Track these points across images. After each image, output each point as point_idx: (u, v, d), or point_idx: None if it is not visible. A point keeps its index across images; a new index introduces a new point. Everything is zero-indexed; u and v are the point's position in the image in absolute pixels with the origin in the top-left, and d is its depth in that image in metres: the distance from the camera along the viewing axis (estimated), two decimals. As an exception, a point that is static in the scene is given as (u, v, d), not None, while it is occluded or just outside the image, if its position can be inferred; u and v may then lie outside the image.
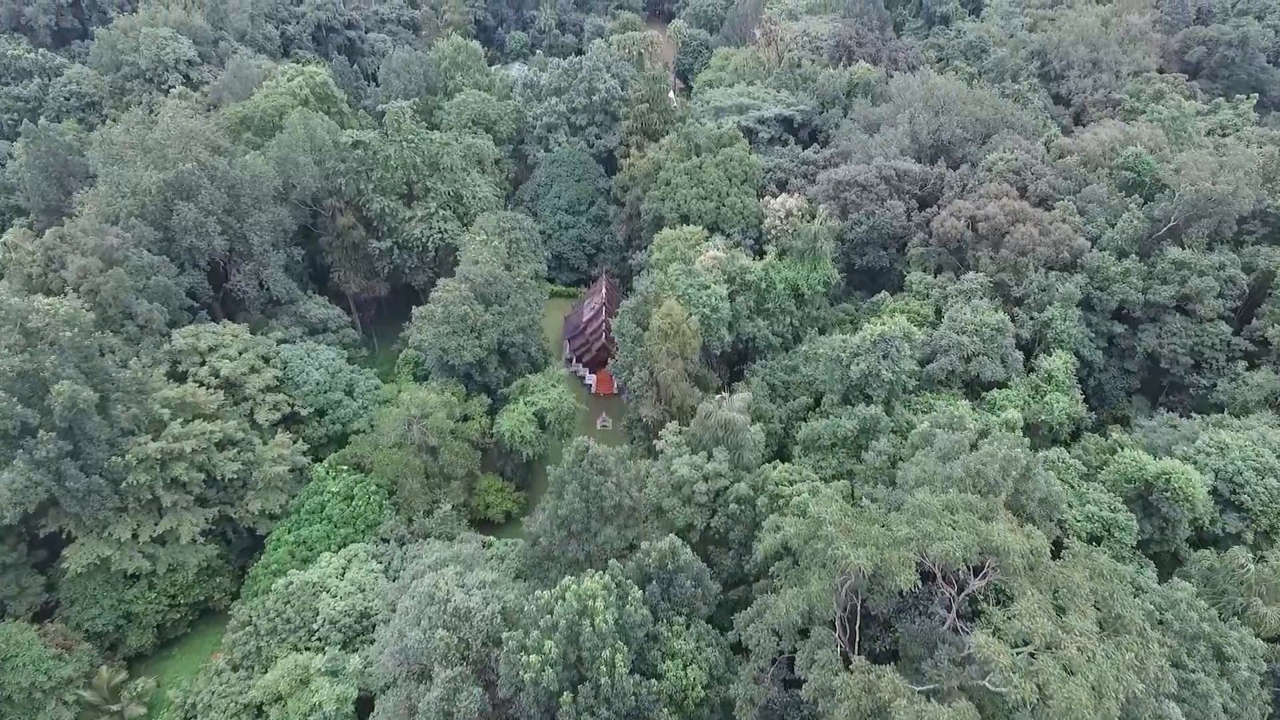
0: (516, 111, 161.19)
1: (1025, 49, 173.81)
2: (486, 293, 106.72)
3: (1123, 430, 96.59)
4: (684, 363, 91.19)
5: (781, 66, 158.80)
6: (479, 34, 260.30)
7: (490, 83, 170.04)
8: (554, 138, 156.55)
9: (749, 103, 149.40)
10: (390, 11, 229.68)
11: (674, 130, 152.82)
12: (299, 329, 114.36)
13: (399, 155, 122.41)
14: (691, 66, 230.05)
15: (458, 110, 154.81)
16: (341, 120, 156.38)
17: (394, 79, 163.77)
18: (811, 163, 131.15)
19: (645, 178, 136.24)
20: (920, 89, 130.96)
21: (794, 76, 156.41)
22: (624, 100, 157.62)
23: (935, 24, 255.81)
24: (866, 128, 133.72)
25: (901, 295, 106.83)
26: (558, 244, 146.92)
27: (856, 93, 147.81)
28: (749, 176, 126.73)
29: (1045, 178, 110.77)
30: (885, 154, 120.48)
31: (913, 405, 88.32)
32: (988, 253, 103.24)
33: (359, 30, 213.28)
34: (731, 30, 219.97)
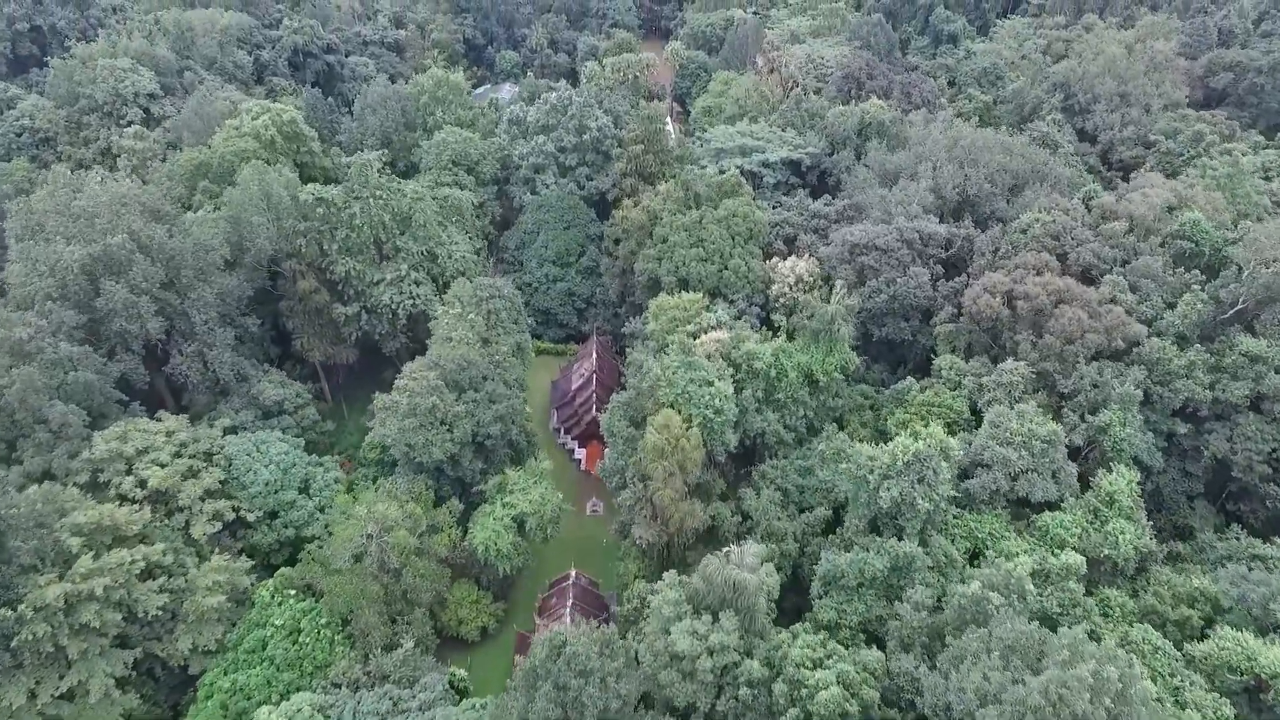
0: (501, 150, 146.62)
1: (1047, 80, 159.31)
2: (459, 379, 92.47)
3: (1185, 544, 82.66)
4: (684, 476, 77.02)
5: (788, 103, 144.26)
6: (468, 53, 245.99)
7: (473, 118, 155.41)
8: (541, 179, 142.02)
9: (753, 144, 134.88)
10: (373, 33, 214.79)
11: (671, 174, 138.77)
12: (251, 412, 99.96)
13: (366, 213, 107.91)
14: (689, 90, 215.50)
15: (437, 150, 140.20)
16: (312, 159, 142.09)
17: (369, 115, 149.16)
18: (822, 216, 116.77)
19: (640, 230, 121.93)
20: (943, 137, 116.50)
21: (800, 113, 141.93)
22: (617, 140, 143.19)
23: (942, 43, 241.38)
24: (883, 177, 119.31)
25: (929, 382, 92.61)
26: (544, 299, 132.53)
27: (869, 133, 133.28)
28: (754, 234, 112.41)
29: (1088, 245, 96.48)
30: (906, 211, 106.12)
31: (951, 530, 74.20)
32: (1028, 336, 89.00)
33: (339, 54, 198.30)
34: (731, 53, 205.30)
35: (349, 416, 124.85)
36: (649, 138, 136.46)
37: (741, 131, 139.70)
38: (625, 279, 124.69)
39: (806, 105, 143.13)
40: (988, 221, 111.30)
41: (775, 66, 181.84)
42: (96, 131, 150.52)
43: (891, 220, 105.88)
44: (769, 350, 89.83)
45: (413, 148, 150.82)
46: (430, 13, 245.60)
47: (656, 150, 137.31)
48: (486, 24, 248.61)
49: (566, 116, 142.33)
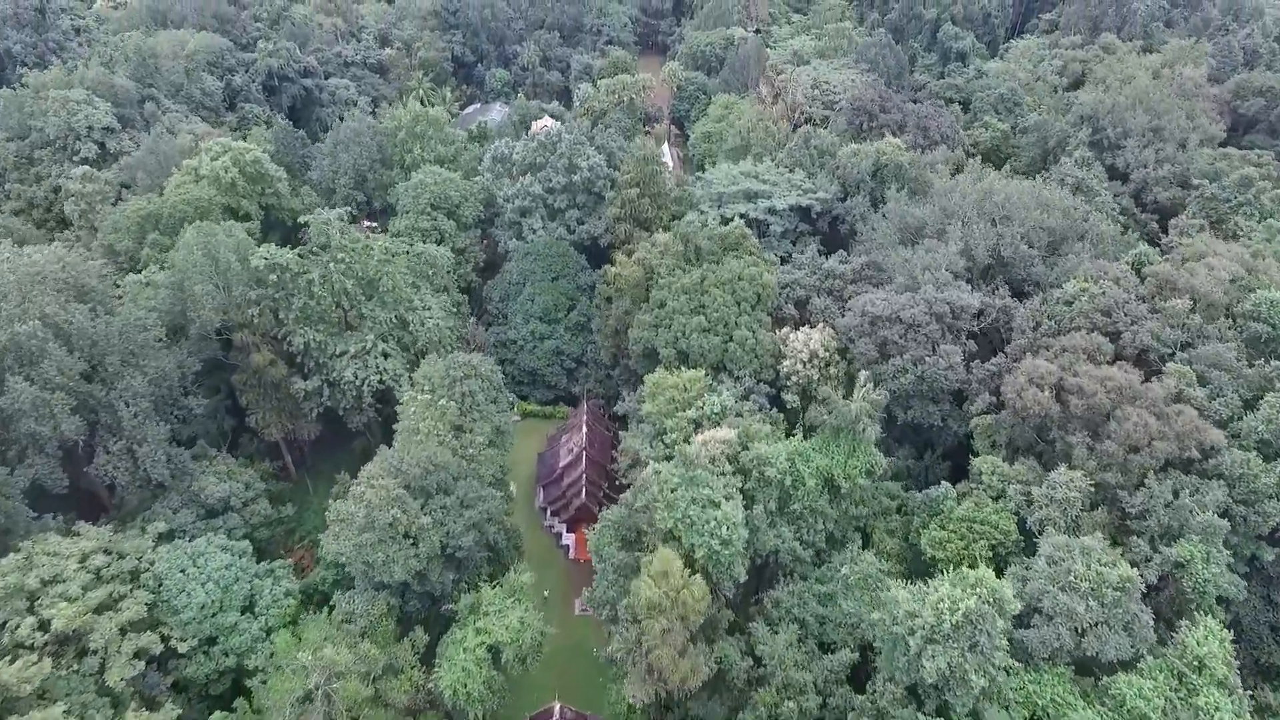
0: (484, 191, 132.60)
1: (1071, 111, 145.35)
2: (425, 484, 78.78)
3: (1274, 691, 69.23)
4: (686, 626, 63.42)
5: (795, 139, 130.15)
6: (456, 71, 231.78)
7: (454, 153, 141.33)
8: (528, 223, 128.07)
9: (757, 187, 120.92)
10: (355, 54, 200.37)
11: (670, 216, 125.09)
12: (192, 512, 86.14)
13: (327, 280, 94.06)
14: (688, 113, 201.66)
15: (414, 192, 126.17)
16: (279, 201, 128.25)
17: (342, 151, 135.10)
18: (837, 276, 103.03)
19: (635, 288, 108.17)
20: (973, 190, 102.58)
21: (809, 151, 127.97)
22: (610, 180, 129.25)
23: (951, 60, 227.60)
24: (904, 231, 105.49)
25: (967, 486, 79.01)
26: (530, 358, 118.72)
27: (886, 176, 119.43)
28: (762, 299, 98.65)
29: (1145, 324, 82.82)
30: (934, 278, 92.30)
31: (1005, 696, 60.61)
32: (1083, 439, 75.38)
33: (317, 78, 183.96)
34: (732, 75, 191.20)
35: (315, 493, 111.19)
36: (645, 180, 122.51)
37: (745, 173, 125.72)
38: (618, 339, 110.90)
39: (816, 142, 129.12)
40: (1023, 286, 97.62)
41: (779, 94, 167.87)
42: (48, 168, 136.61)
43: (917, 287, 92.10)
44: (783, 454, 76.08)
45: (389, 187, 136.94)
46: (417, 30, 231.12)
47: (653, 193, 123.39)
48: (476, 41, 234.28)
49: (555, 155, 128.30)
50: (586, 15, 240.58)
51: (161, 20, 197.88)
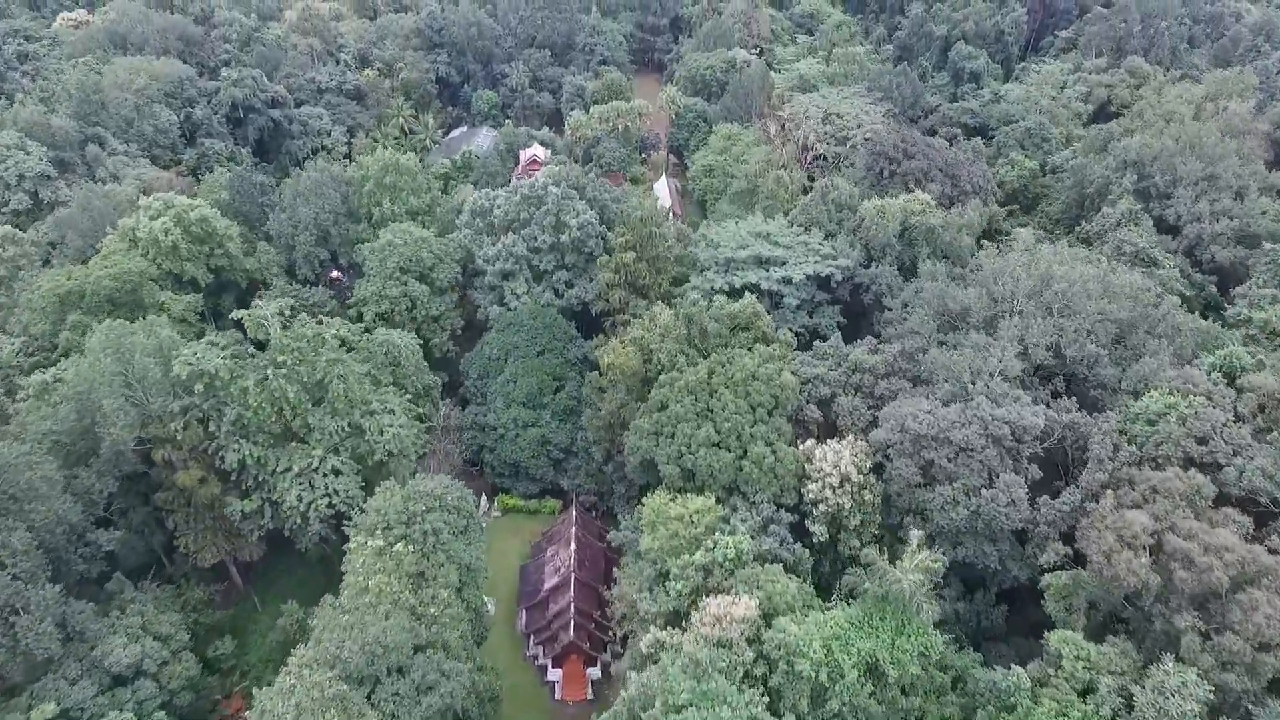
0: (462, 249, 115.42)
1: (1114, 155, 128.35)
2: (373, 670, 62.16)
3: None
4: None
5: (811, 196, 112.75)
6: (441, 93, 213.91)
7: (429, 204, 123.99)
8: (511, 287, 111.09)
9: (770, 252, 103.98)
10: (329, 79, 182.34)
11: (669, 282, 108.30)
12: (94, 682, 69.39)
13: (265, 388, 77.09)
14: (687, 141, 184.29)
15: (381, 255, 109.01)
16: (230, 263, 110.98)
17: (301, 204, 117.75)
18: (866, 370, 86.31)
19: (630, 377, 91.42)
20: (1027, 277, 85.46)
21: (826, 207, 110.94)
22: (603, 239, 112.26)
23: (963, 81, 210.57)
24: (944, 318, 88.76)
25: (1043, 671, 62.47)
26: (513, 448, 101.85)
27: (917, 240, 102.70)
28: (781, 402, 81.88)
29: (1254, 462, 66.35)
30: (987, 386, 75.67)
31: None
32: (1192, 621, 58.90)
33: (286, 108, 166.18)
34: (735, 103, 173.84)
35: (264, 607, 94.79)
36: (642, 243, 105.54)
37: (755, 233, 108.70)
38: (612, 435, 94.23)
39: (835, 195, 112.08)
40: (1089, 390, 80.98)
41: (787, 129, 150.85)
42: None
43: (967, 397, 75.44)
44: (817, 640, 59.42)
45: (355, 244, 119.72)
46: (399, 49, 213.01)
47: (652, 257, 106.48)
48: (462, 61, 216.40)
49: (541, 211, 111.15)
50: (579, 34, 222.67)
51: (121, 44, 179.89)
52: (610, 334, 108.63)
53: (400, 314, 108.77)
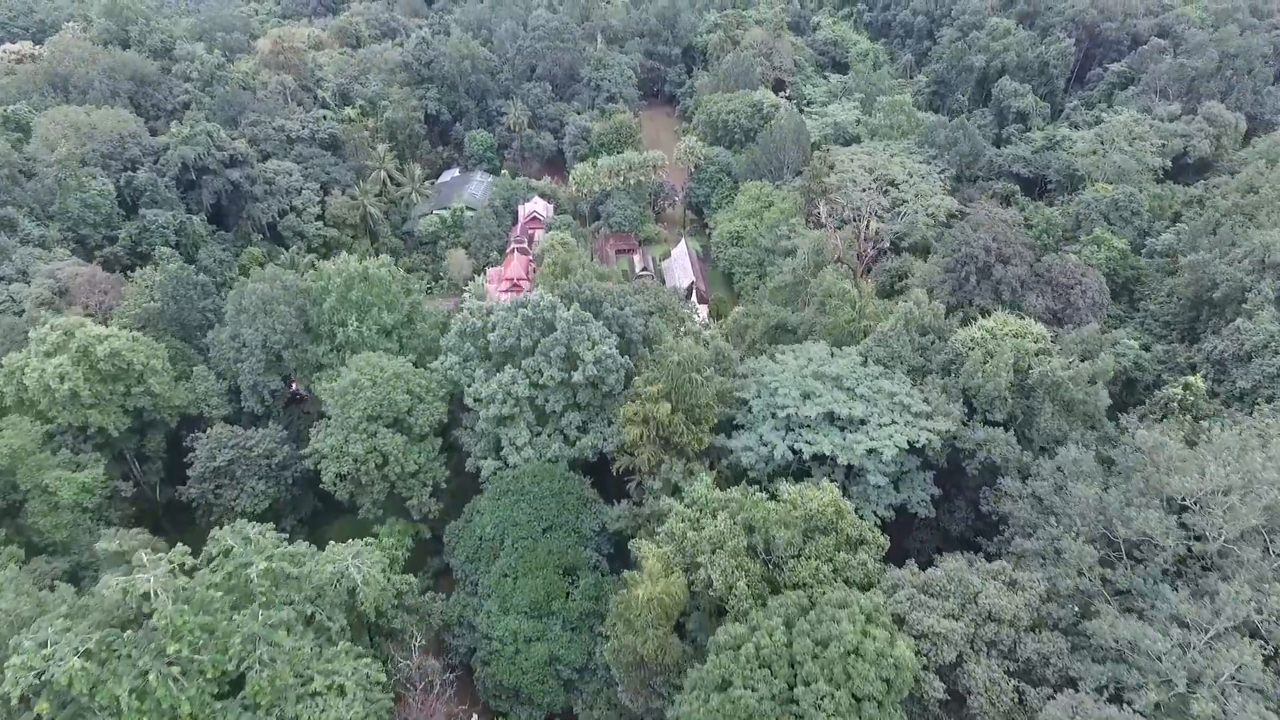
0: (448, 383, 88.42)
1: (1246, 252, 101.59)
2: None
3: None
4: None
5: (890, 324, 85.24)
6: (430, 133, 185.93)
7: (408, 313, 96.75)
8: (509, 435, 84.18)
9: (842, 405, 77.10)
10: (301, 127, 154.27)
11: (710, 428, 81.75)
12: None
13: (147, 696, 50.39)
14: (708, 198, 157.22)
15: (344, 400, 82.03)
16: (155, 402, 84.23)
17: (246, 324, 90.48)
18: (1006, 620, 59.88)
19: (669, 608, 65.02)
20: (1220, 471, 58.49)
21: (909, 337, 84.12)
22: (626, 371, 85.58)
23: (1008, 121, 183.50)
24: (1107, 544, 62.26)
25: None
26: (512, 670, 75.26)
27: (1041, 396, 76.17)
28: (894, 685, 55.58)
29: None
30: (1221, 694, 49.41)
31: None
32: None
33: (248, 166, 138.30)
34: (766, 159, 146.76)
35: None
36: (679, 390, 78.78)
37: (821, 374, 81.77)
38: (645, 675, 67.98)
39: (926, 318, 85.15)
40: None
41: (836, 204, 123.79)
42: None
43: (1185, 704, 49.25)
44: None
45: (315, 370, 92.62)
46: (383, 85, 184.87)
47: (689, 407, 79.75)
48: (453, 96, 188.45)
49: (548, 339, 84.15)
50: (583, 66, 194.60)
51: (63, 87, 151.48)
52: (636, 502, 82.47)
53: (368, 474, 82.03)
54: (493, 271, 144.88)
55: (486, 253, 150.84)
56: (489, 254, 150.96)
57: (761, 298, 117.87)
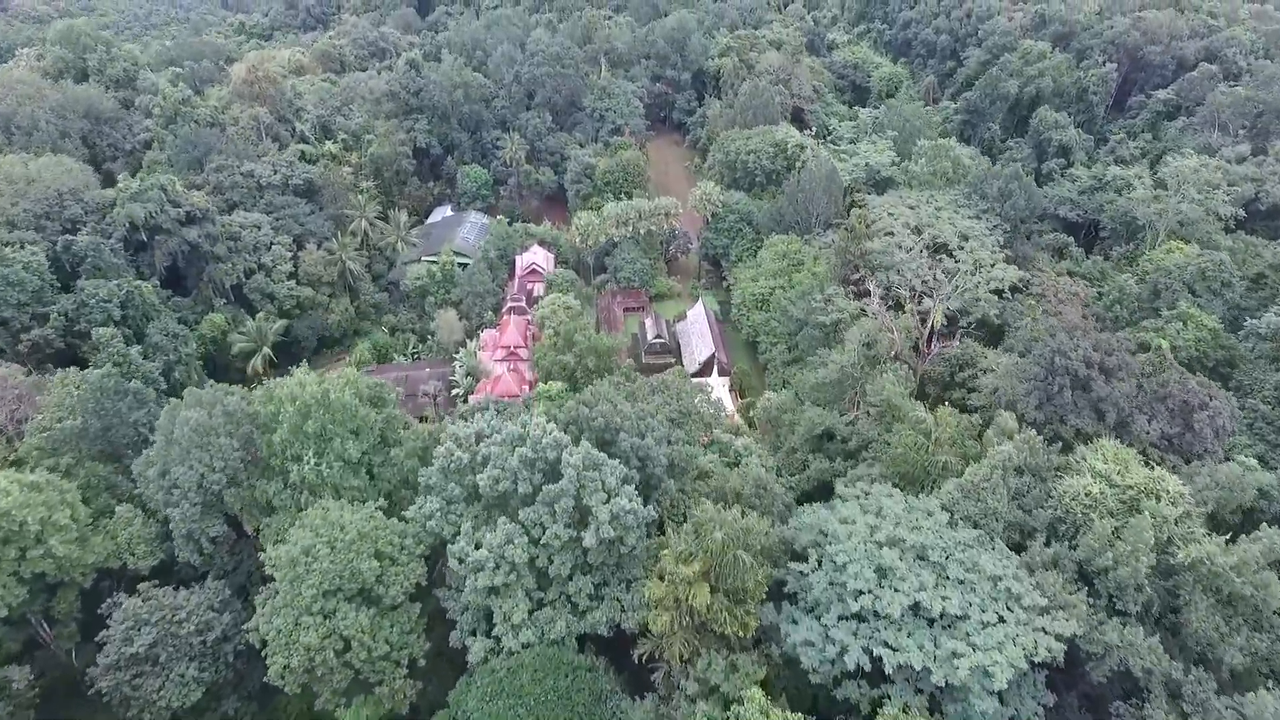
0: (426, 536, 69.10)
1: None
2: None
3: None
4: None
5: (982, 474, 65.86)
6: (419, 168, 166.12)
7: (378, 439, 77.36)
8: (504, 608, 64.98)
9: (935, 601, 58.08)
10: (273, 172, 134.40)
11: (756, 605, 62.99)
12: None
13: None
14: (728, 249, 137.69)
15: (293, 574, 62.91)
16: (60, 565, 65.11)
17: (178, 459, 71.05)
18: None
19: None
20: None
21: (1004, 487, 65.01)
22: (648, 526, 66.64)
23: (1049, 155, 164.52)
24: None
25: None
26: None
27: (1190, 585, 57.31)
28: None
29: None
30: None
31: None
32: None
33: (208, 223, 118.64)
34: (793, 208, 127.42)
35: None
36: (721, 570, 59.83)
37: (897, 542, 62.70)
38: None
39: (1022, 455, 66.14)
40: None
41: (885, 285, 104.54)
42: None
43: None
44: None
45: (266, 512, 73.39)
46: (368, 117, 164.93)
47: (733, 588, 60.77)
48: (445, 128, 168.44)
49: (554, 489, 64.96)
50: (586, 95, 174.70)
51: (4, 128, 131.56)
52: (664, 697, 63.75)
53: (325, 664, 62.99)
54: (487, 335, 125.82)
55: (480, 312, 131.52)
56: (483, 314, 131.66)
57: (799, 384, 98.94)
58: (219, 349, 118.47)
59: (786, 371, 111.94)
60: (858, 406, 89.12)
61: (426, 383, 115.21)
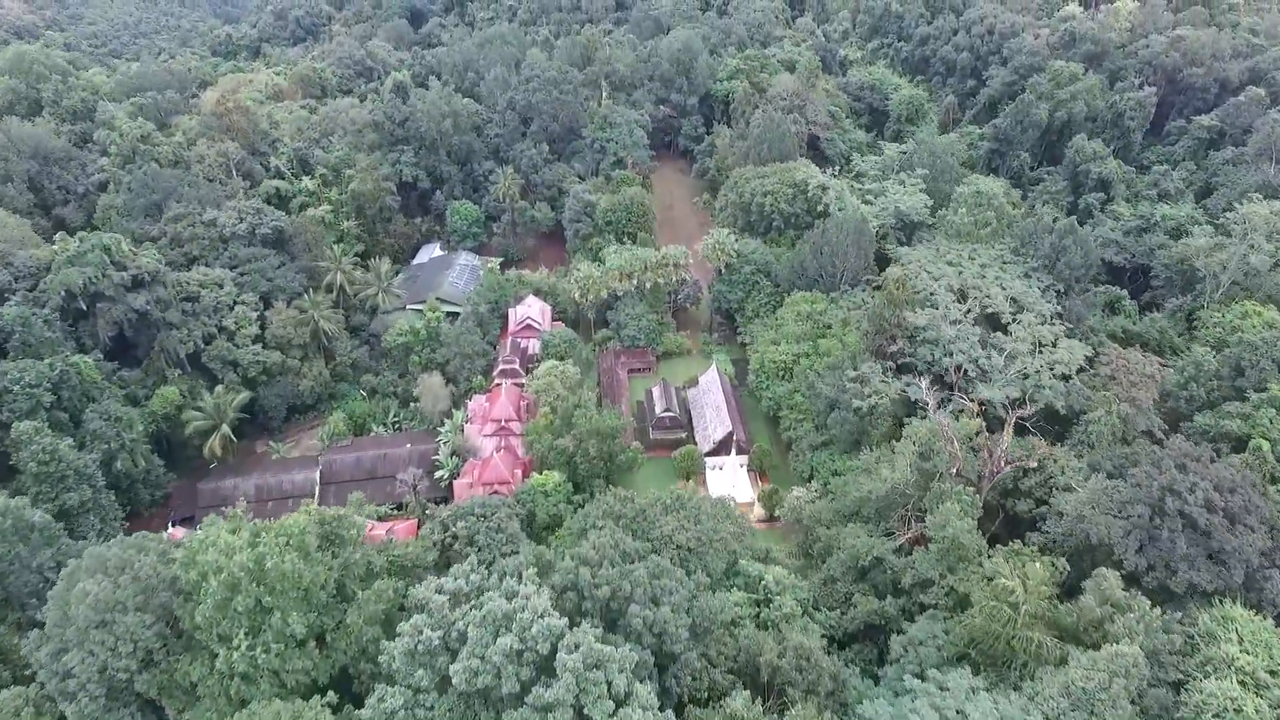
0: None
1: None
2: None
3: None
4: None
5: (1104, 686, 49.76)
6: (406, 200, 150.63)
7: (332, 595, 61.57)
8: (485, 840, 49.65)
9: None
10: (238, 220, 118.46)
11: None
12: None
13: None
14: (743, 303, 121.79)
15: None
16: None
17: (71, 640, 55.28)
18: None
19: None
20: None
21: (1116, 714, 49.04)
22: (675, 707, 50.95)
23: (1086, 189, 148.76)
24: None
25: None
26: None
27: None
28: None
29: None
30: None
31: None
32: None
33: (158, 287, 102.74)
34: (818, 263, 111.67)
35: None
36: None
37: None
38: None
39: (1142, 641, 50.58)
40: None
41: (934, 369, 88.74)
42: None
43: None
44: None
45: (190, 698, 57.64)
46: (350, 149, 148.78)
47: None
48: (433, 160, 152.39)
49: (547, 693, 49.34)
50: (586, 125, 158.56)
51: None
52: None
53: None
54: (476, 403, 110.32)
55: (469, 376, 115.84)
56: (472, 377, 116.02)
57: (837, 489, 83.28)
58: (174, 425, 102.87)
59: (815, 458, 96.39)
60: (909, 526, 73.63)
61: (405, 469, 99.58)
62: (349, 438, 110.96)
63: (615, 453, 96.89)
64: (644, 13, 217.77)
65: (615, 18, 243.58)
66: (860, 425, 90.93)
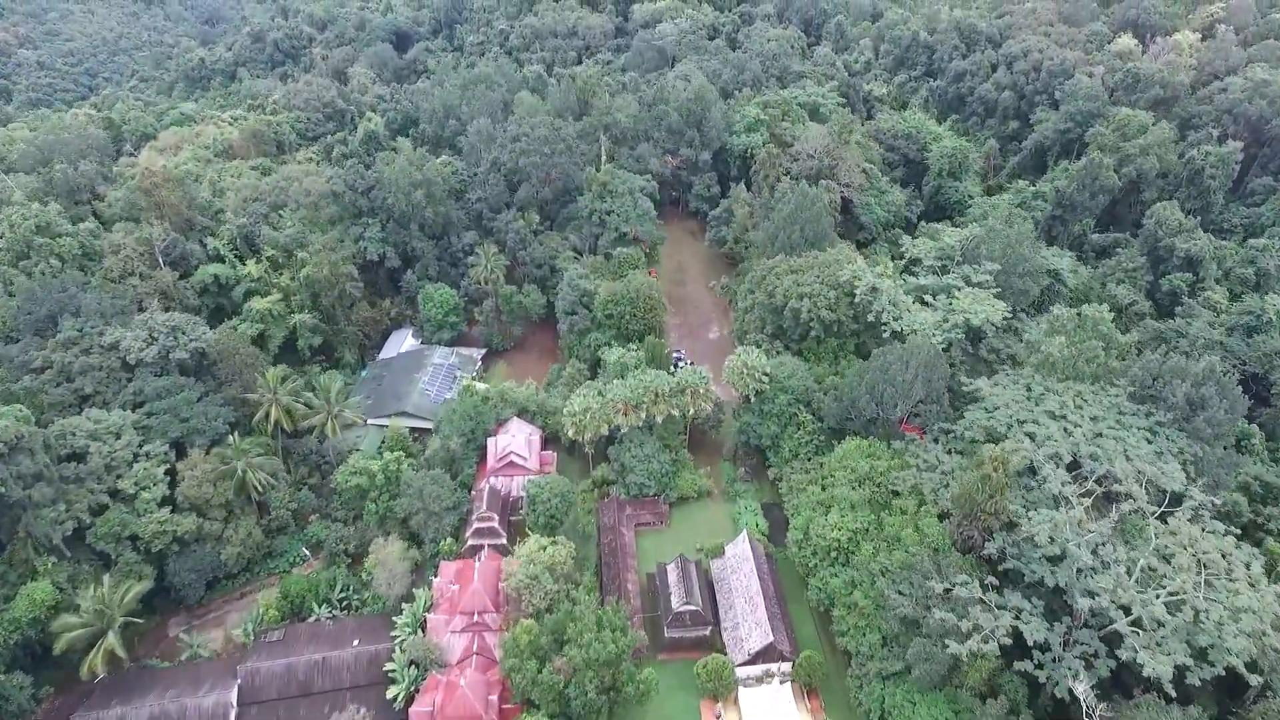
0: None
1: None
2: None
3: None
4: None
5: None
6: (373, 280, 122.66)
7: None
8: None
9: None
10: (147, 341, 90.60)
11: None
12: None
13: None
14: (775, 441, 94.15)
15: None
16: None
17: None
18: None
19: None
20: None
21: None
22: None
23: (1169, 262, 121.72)
24: None
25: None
26: None
27: None
28: None
29: None
30: None
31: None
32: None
33: (21, 456, 74.96)
34: (873, 399, 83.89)
35: None
36: None
37: None
38: None
39: None
40: None
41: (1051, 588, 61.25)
42: None
43: None
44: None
45: None
46: (304, 225, 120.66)
47: None
48: (403, 235, 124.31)
49: None
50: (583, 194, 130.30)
51: None
52: None
53: None
54: (442, 581, 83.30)
55: (436, 538, 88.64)
56: (439, 539, 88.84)
57: None
58: (47, 633, 75.57)
59: (886, 690, 69.20)
60: None
61: (346, 704, 72.17)
62: (283, 626, 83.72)
63: (621, 682, 69.93)
64: (646, 42, 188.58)
65: (615, 45, 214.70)
66: (954, 667, 63.92)
